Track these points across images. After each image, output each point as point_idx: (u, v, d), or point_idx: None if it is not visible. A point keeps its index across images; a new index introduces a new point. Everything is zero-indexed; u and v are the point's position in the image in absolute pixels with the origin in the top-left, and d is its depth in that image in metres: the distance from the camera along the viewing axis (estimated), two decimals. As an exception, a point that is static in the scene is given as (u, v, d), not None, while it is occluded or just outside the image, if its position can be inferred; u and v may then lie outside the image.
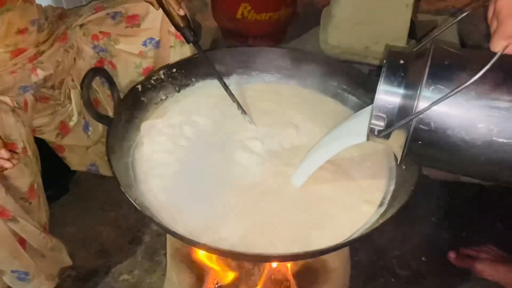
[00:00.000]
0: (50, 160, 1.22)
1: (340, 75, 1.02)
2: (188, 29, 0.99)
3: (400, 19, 1.52)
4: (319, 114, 1.00)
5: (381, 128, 0.64)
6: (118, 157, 0.84)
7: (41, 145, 1.15)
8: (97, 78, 1.16)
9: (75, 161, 1.33)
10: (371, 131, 0.65)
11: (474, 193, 1.48)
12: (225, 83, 0.99)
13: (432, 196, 1.46)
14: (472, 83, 0.54)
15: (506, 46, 0.53)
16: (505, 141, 0.56)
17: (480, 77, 0.54)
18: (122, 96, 0.93)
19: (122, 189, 0.73)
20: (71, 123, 1.22)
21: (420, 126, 0.59)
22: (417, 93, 0.59)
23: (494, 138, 0.56)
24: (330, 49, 1.66)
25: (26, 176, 1.01)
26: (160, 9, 1.02)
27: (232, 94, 0.99)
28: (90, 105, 0.83)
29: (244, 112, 0.98)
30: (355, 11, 1.55)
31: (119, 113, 0.89)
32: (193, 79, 1.04)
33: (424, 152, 0.63)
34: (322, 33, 1.71)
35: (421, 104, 0.58)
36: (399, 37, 1.55)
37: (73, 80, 1.19)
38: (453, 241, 1.36)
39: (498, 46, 0.54)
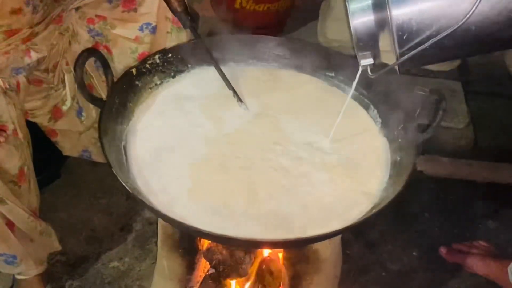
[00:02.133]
0: (42, 145, 1.21)
1: (337, 67, 1.02)
2: (185, 14, 0.98)
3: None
4: (316, 100, 1.00)
5: (371, 62, 0.68)
6: (111, 140, 0.83)
7: (34, 130, 1.14)
8: (92, 63, 1.16)
9: (68, 146, 1.32)
10: (367, 70, 0.70)
11: (466, 190, 1.48)
12: (221, 70, 0.98)
13: (425, 192, 1.46)
14: None
15: None
16: None
17: None
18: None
19: (113, 171, 0.72)
20: (64, 108, 1.21)
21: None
22: None
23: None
24: (328, 42, 1.65)
25: (16, 158, 0.99)
26: (157, -7, 1.00)
27: (228, 81, 0.98)
28: (83, 86, 0.82)
29: (240, 100, 0.97)
30: (355, 4, 1.54)
31: (113, 96, 0.88)
32: (189, 65, 1.03)
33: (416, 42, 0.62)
34: (320, 26, 1.69)
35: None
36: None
37: (67, 64, 1.17)
38: (444, 236, 1.37)
39: None
